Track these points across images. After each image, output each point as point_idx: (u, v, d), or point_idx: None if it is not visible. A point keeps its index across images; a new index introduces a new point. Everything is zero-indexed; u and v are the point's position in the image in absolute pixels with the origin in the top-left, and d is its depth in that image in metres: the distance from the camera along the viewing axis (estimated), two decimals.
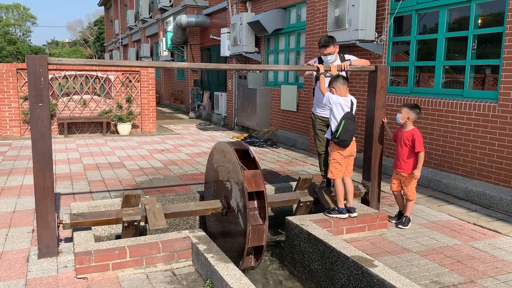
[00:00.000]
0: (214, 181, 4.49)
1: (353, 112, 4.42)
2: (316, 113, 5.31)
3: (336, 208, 4.42)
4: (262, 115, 11.66)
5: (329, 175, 4.49)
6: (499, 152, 5.65)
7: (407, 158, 4.54)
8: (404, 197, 4.70)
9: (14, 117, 10.64)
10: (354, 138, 4.44)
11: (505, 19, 5.54)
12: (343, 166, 4.42)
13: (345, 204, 4.45)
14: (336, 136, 4.30)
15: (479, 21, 6.10)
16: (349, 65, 4.75)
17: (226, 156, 4.15)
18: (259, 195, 3.94)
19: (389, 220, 4.67)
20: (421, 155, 4.46)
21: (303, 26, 10.20)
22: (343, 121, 4.27)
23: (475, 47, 6.12)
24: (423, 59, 7.07)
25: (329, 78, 4.62)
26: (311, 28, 9.43)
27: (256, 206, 3.96)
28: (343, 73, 4.75)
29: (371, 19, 7.38)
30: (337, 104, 4.35)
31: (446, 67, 6.68)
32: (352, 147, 4.43)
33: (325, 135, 4.59)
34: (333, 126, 4.37)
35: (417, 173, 4.49)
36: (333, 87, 4.44)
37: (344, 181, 4.46)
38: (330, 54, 4.99)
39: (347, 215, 4.35)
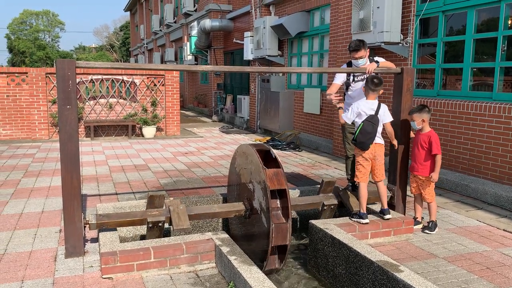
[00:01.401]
0: (237, 185, 4.51)
1: (379, 115, 4.36)
2: None
3: (357, 212, 4.37)
4: (284, 118, 11.63)
5: (355, 178, 4.48)
6: None
7: (424, 160, 4.47)
8: (424, 201, 4.61)
9: (43, 120, 10.92)
10: (381, 142, 4.39)
11: None
12: (367, 169, 4.37)
13: (381, 208, 4.45)
14: (354, 138, 4.33)
15: (509, 22, 5.94)
16: (377, 67, 4.69)
17: (248, 158, 4.18)
18: (282, 194, 3.94)
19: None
20: (438, 158, 4.38)
21: (327, 28, 10.15)
22: (362, 123, 4.28)
23: (505, 48, 5.96)
24: (450, 61, 6.93)
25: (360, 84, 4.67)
26: (335, 30, 9.37)
27: (279, 205, 3.95)
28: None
29: (396, 21, 7.28)
30: (361, 112, 4.36)
31: (474, 69, 6.52)
32: (375, 149, 4.37)
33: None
34: (356, 129, 4.40)
35: (435, 176, 4.40)
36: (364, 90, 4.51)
37: (377, 185, 4.46)
38: (362, 58, 4.94)
39: (367, 220, 4.27)
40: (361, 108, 4.35)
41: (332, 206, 4.63)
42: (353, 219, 4.32)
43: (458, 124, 6.48)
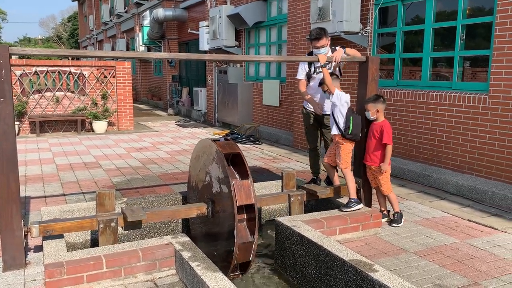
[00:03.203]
0: (196, 197, 4.25)
1: None
2: (308, 108, 5.08)
3: (352, 200, 4.31)
4: (243, 111, 11.36)
5: (343, 166, 4.39)
6: (490, 145, 5.50)
7: (375, 150, 4.36)
8: (382, 194, 4.48)
9: None
10: None
11: (495, 8, 5.38)
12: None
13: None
14: (350, 132, 4.31)
15: (468, 11, 5.93)
16: (344, 52, 4.49)
17: (199, 153, 4.08)
18: (237, 162, 3.70)
19: None
20: (389, 148, 4.27)
21: (284, 18, 9.93)
22: (352, 117, 4.31)
23: (464, 37, 5.95)
24: (409, 51, 6.89)
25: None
26: (293, 20, 9.17)
27: (236, 175, 3.67)
28: (335, 67, 4.53)
29: (355, 10, 7.16)
30: (346, 102, 4.35)
31: (433, 58, 6.50)
32: None
33: (331, 132, 4.50)
34: (341, 122, 4.33)
35: (384, 166, 4.28)
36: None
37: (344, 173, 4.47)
38: (323, 47, 4.72)
39: (361, 205, 4.36)
40: (345, 99, 4.36)
41: (299, 197, 4.42)
42: (352, 208, 4.23)
43: (418, 114, 6.45)
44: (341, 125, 4.32)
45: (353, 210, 4.23)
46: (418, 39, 6.72)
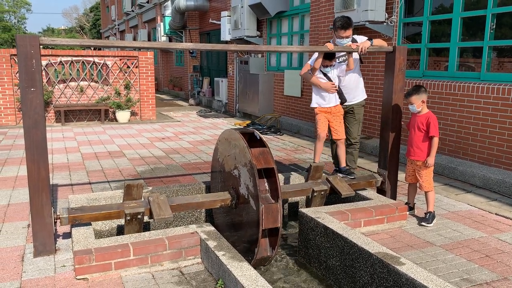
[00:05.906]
0: (221, 175, 4.23)
1: None
2: None
3: (344, 169, 4.88)
4: (264, 101, 11.33)
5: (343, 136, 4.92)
6: None
7: (421, 143, 4.18)
8: (421, 190, 4.35)
9: (9, 104, 10.29)
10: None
11: None
12: None
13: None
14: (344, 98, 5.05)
15: None
16: (371, 45, 4.41)
17: (231, 143, 3.95)
18: (269, 174, 3.67)
19: None
20: (435, 140, 4.11)
21: (307, 8, 9.81)
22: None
23: (494, 27, 5.78)
24: (435, 41, 6.73)
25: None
26: (316, 10, 9.06)
27: (267, 186, 3.68)
28: (356, 55, 4.48)
29: None
30: None
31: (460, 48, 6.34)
32: None
33: (333, 104, 4.93)
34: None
35: (430, 160, 4.13)
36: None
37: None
38: (348, 37, 4.63)
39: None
40: None
41: (322, 192, 4.38)
42: (345, 174, 4.76)
43: (444, 105, 6.32)
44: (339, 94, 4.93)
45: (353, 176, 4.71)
46: (444, 28, 6.56)
